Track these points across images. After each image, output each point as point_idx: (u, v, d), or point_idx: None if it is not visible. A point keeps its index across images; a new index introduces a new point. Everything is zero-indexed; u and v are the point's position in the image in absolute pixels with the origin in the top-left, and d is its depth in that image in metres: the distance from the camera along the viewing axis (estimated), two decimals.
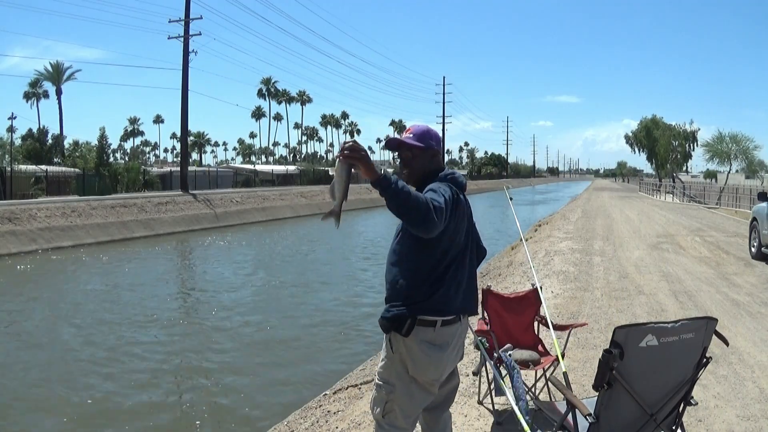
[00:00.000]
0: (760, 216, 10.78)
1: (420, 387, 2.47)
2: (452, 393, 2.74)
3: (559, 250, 12.22)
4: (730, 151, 37.92)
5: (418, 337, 2.40)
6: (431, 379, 2.47)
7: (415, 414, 2.56)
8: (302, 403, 5.58)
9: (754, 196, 18.47)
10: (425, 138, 2.54)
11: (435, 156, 2.56)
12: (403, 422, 2.49)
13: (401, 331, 2.39)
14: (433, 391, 2.53)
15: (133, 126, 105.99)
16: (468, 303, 2.56)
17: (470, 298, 2.58)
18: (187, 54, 31.60)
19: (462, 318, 2.55)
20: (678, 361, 2.44)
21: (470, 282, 2.59)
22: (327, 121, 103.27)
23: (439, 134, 2.62)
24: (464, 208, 2.51)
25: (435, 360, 2.42)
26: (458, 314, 2.51)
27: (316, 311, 10.12)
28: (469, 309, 2.58)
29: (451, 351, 2.50)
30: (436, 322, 2.40)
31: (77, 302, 10.99)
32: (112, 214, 22.14)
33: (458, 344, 2.57)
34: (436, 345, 2.41)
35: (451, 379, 2.68)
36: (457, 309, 2.49)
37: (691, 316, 3.99)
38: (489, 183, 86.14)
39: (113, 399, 6.27)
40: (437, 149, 2.56)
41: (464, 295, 2.53)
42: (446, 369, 2.54)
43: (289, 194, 36.05)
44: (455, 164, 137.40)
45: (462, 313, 2.54)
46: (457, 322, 2.51)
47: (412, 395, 2.47)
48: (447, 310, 2.44)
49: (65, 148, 46.81)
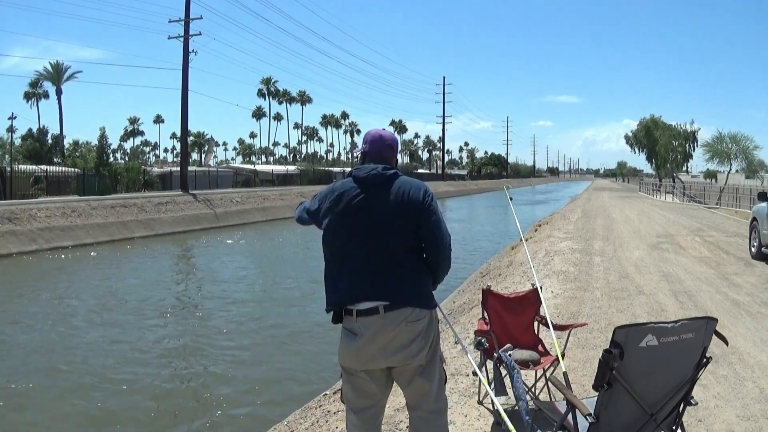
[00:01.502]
0: (760, 216, 10.78)
1: (347, 372, 2.65)
2: (421, 397, 2.65)
3: (559, 250, 12.21)
4: (730, 151, 37.94)
5: (342, 325, 2.64)
6: (348, 366, 2.62)
7: (355, 401, 2.66)
8: (302, 403, 5.58)
9: (754, 196, 18.47)
10: (363, 141, 2.84)
11: (362, 156, 2.80)
12: (346, 405, 2.73)
13: (332, 320, 2.69)
14: (363, 378, 2.61)
15: (133, 126, 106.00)
16: (375, 293, 2.52)
17: (382, 288, 2.53)
18: (187, 54, 31.62)
19: (383, 311, 2.51)
20: (678, 361, 2.44)
21: (382, 273, 2.54)
22: (327, 121, 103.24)
23: (374, 135, 2.80)
24: (343, 204, 2.60)
25: (347, 346, 2.58)
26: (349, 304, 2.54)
27: (315, 311, 10.12)
28: (387, 298, 2.52)
29: (366, 342, 2.52)
30: (353, 311, 2.55)
31: (76, 301, 11.00)
32: (112, 214, 22.14)
33: (378, 338, 2.52)
34: (352, 333, 2.57)
35: (412, 381, 2.62)
36: (349, 298, 2.55)
37: (691, 316, 3.99)
38: (489, 183, 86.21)
39: (103, 400, 6.26)
40: (363, 150, 2.80)
41: (365, 285, 2.53)
42: (364, 359, 2.55)
43: (289, 194, 36.06)
44: (455, 164, 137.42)
45: (360, 301, 2.52)
46: (374, 314, 2.51)
47: (346, 380, 2.68)
48: (343, 301, 2.58)
49: (65, 148, 46.86)
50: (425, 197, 2.64)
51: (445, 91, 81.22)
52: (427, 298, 2.63)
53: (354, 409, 2.68)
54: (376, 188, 2.62)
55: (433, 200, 2.68)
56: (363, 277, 2.55)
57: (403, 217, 2.60)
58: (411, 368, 2.61)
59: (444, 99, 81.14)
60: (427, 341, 2.61)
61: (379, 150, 2.76)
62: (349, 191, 2.63)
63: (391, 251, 2.58)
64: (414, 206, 2.61)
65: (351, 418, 2.70)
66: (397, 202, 2.60)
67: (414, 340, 2.56)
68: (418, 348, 2.57)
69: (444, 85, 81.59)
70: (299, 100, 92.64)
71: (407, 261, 2.60)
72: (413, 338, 2.56)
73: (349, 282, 2.57)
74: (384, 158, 2.74)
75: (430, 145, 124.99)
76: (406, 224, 2.60)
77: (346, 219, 2.61)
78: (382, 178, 2.63)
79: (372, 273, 2.56)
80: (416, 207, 2.61)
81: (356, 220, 2.59)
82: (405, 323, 2.54)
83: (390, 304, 2.52)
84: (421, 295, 2.60)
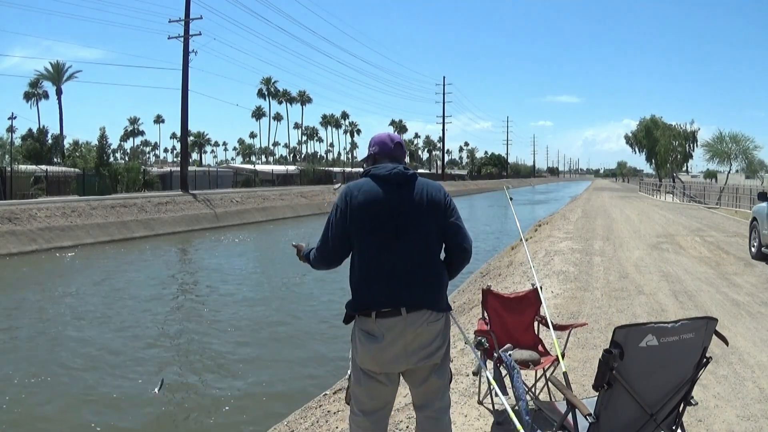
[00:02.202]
0: (760, 216, 10.78)
1: (365, 375, 2.60)
2: (432, 396, 2.66)
3: (559, 250, 12.21)
4: (730, 151, 37.91)
5: (357, 326, 2.61)
6: (369, 369, 2.58)
7: (368, 404, 2.63)
8: (302, 403, 5.58)
9: (754, 196, 18.48)
10: (369, 146, 2.82)
11: (373, 158, 2.77)
12: (356, 407, 2.67)
13: (344, 320, 2.68)
14: (381, 381, 2.58)
15: (133, 126, 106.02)
16: (403, 295, 2.51)
17: (406, 290, 2.52)
18: (187, 54, 31.62)
19: (405, 312, 2.50)
20: (678, 361, 2.44)
21: (407, 273, 2.53)
22: (327, 121, 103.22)
23: (381, 136, 2.81)
24: (370, 204, 2.55)
25: (367, 349, 2.55)
26: (382, 307, 2.50)
27: (316, 310, 10.13)
28: (407, 302, 2.51)
29: (387, 344, 2.51)
30: (371, 313, 2.52)
31: (77, 302, 11.00)
32: (112, 214, 22.14)
33: (400, 339, 2.51)
34: (372, 335, 2.53)
35: (426, 380, 2.63)
36: (382, 302, 2.51)
37: (691, 316, 3.99)
38: (489, 183, 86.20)
39: (103, 400, 6.27)
40: (371, 153, 2.78)
41: (395, 287, 2.51)
42: (386, 361, 2.54)
43: (289, 194, 36.06)
44: (455, 164, 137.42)
45: (396, 305, 2.50)
46: (395, 315, 2.50)
47: (360, 381, 2.63)
48: (370, 303, 2.53)
49: (65, 148, 46.85)
50: (446, 197, 2.66)
51: (445, 91, 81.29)
52: (444, 300, 2.65)
53: (365, 411, 2.65)
54: (402, 188, 2.59)
55: (452, 200, 2.71)
56: (394, 280, 2.52)
57: (431, 217, 2.59)
58: (427, 367, 2.61)
59: (444, 99, 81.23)
60: (444, 340, 2.63)
61: (390, 150, 2.75)
62: (374, 191, 2.57)
63: (419, 252, 2.57)
64: (438, 206, 2.61)
65: (359, 419, 2.66)
66: (423, 203, 2.59)
67: (434, 340, 2.58)
68: (437, 347, 2.59)
69: (444, 85, 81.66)
70: (299, 100, 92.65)
71: (431, 262, 2.61)
72: (433, 338, 2.57)
73: (384, 284, 2.52)
74: (395, 157, 2.73)
75: (430, 145, 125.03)
76: (433, 225, 2.60)
77: (375, 219, 2.54)
78: (405, 177, 2.61)
79: (403, 275, 2.53)
80: (440, 207, 2.61)
81: (386, 220, 2.54)
82: (426, 324, 2.54)
83: (412, 306, 2.52)
84: (441, 298, 2.62)
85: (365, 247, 2.56)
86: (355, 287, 2.60)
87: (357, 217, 2.55)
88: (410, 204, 2.57)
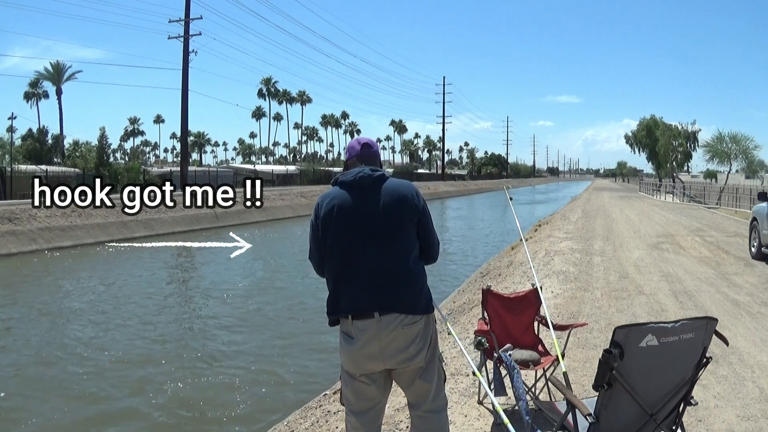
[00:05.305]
0: (760, 216, 10.78)
1: (349, 375, 2.64)
2: (422, 398, 2.66)
3: (559, 250, 12.21)
4: (730, 151, 37.90)
5: (340, 328, 2.65)
6: (349, 370, 2.63)
7: (356, 404, 2.66)
8: (302, 403, 5.58)
9: (754, 196, 18.48)
10: (347, 153, 2.87)
11: (345, 165, 2.83)
12: (347, 408, 2.72)
13: (329, 324, 2.71)
14: (364, 382, 2.60)
15: (133, 126, 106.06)
16: (377, 298, 2.51)
17: (379, 292, 2.51)
18: (187, 54, 31.67)
19: (378, 315, 2.50)
20: (678, 361, 2.44)
21: (381, 276, 2.53)
22: (327, 121, 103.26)
23: (350, 144, 2.85)
24: (338, 211, 2.57)
25: (346, 350, 2.59)
26: (356, 311, 2.52)
27: (316, 310, 10.12)
28: (379, 305, 2.51)
29: (362, 345, 2.51)
30: (348, 316, 2.55)
31: (77, 301, 10.99)
32: (112, 214, 22.12)
33: (375, 342, 2.51)
34: (350, 336, 2.57)
35: (412, 383, 2.63)
36: (355, 306, 2.52)
37: (691, 316, 3.99)
38: (489, 183, 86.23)
39: (102, 399, 6.26)
40: (346, 160, 2.83)
41: (369, 290, 2.51)
42: (361, 362, 2.56)
43: (289, 194, 36.07)
44: (455, 164, 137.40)
45: (369, 309, 2.50)
46: (368, 317, 2.50)
47: (347, 382, 2.68)
48: (345, 308, 2.56)
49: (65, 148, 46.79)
50: (415, 196, 2.64)
51: (445, 91, 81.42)
52: (422, 302, 2.60)
53: (354, 411, 2.68)
54: (366, 191, 2.59)
55: (422, 199, 2.70)
56: (367, 283, 2.53)
57: (401, 218, 2.58)
58: (410, 370, 2.60)
59: (444, 99, 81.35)
60: (425, 343, 2.60)
61: (357, 153, 2.76)
62: (340, 198, 2.60)
63: (391, 253, 2.56)
64: (407, 206, 2.60)
65: (351, 420, 2.71)
66: (392, 203, 2.58)
67: (412, 342, 2.55)
68: (417, 350, 2.57)
69: (444, 85, 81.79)
70: (299, 100, 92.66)
71: (405, 263, 2.58)
72: (411, 341, 2.55)
73: (357, 288, 2.54)
74: (365, 159, 2.73)
75: (430, 145, 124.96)
76: (406, 224, 2.59)
77: (344, 226, 2.57)
78: (369, 180, 2.60)
79: (375, 278, 2.53)
80: (409, 206, 2.61)
81: (354, 225, 2.56)
82: (401, 327, 2.52)
83: (385, 308, 2.51)
84: (418, 300, 2.58)
85: (338, 252, 2.59)
86: (331, 291, 2.62)
87: (327, 227, 2.60)
88: (379, 206, 2.57)
